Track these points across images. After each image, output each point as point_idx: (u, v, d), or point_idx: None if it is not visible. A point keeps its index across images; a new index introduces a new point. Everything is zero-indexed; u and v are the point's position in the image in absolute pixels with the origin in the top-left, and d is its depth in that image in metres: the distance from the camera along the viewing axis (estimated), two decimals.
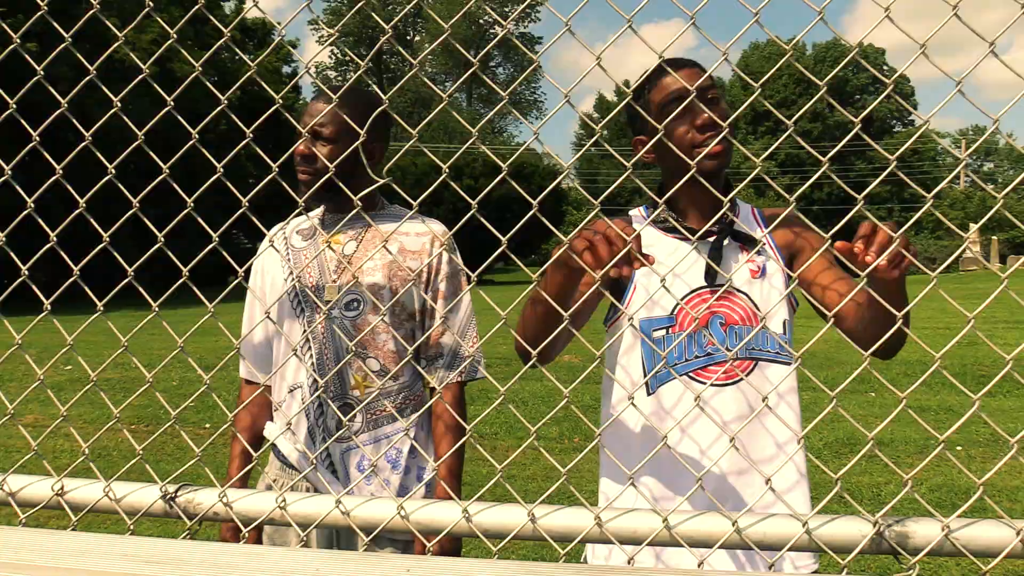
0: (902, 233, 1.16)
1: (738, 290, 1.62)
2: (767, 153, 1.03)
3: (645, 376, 1.61)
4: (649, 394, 1.61)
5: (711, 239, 1.62)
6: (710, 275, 1.61)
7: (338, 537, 1.91)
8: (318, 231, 2.02)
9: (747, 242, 1.65)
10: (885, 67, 49.32)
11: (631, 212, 1.80)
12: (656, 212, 1.70)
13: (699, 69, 1.60)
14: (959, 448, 5.81)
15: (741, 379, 1.57)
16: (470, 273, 0.91)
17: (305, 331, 1.91)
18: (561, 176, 0.93)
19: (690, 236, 1.62)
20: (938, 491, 4.90)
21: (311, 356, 1.92)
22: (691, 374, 1.58)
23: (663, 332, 1.60)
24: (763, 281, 1.64)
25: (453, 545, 1.90)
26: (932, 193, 0.91)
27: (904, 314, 1.18)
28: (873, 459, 5.32)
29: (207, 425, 6.72)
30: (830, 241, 1.14)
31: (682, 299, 1.60)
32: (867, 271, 1.14)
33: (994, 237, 35.06)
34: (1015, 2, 0.91)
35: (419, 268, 1.97)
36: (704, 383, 1.57)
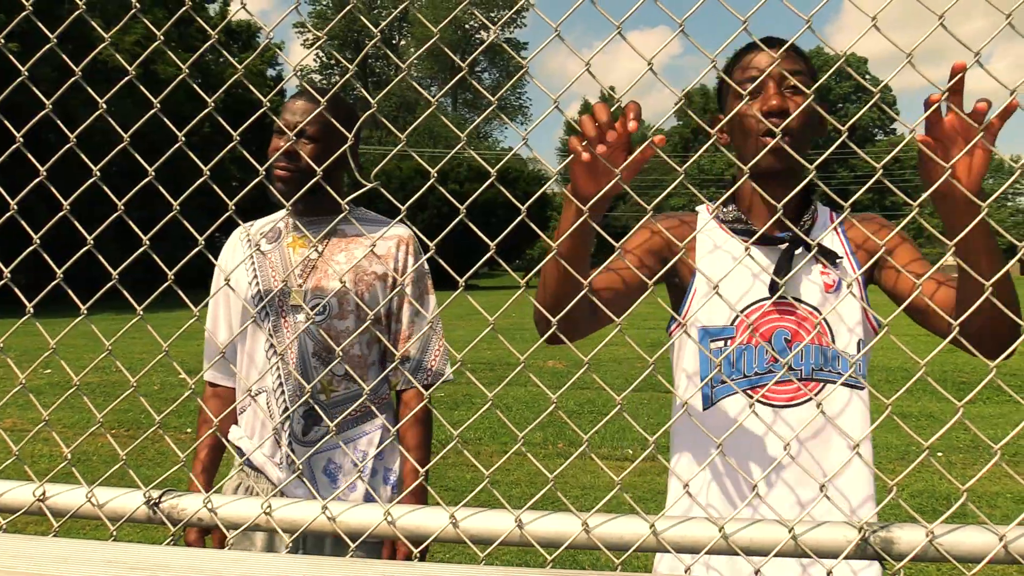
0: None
1: (808, 304, 1.47)
2: (753, 161, 1.03)
3: (703, 389, 1.49)
4: (705, 408, 1.47)
5: (783, 246, 1.47)
6: (775, 285, 1.46)
7: (305, 541, 1.91)
8: (283, 234, 2.02)
9: (823, 255, 1.49)
10: (868, 76, 49.79)
11: (698, 208, 1.65)
12: (718, 206, 1.55)
13: (792, 51, 1.44)
14: (940, 454, 5.86)
15: (805, 401, 1.43)
16: (457, 278, 0.91)
17: (270, 335, 1.91)
18: (548, 184, 0.93)
19: (761, 240, 1.45)
20: (919, 497, 4.94)
21: (276, 360, 1.91)
22: (749, 391, 1.45)
23: (721, 343, 1.47)
24: (836, 296, 1.48)
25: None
26: (918, 201, 0.92)
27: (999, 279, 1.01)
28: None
29: (188, 430, 6.67)
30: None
31: (743, 310, 1.47)
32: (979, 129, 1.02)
33: None
34: (999, 12, 0.92)
35: (385, 271, 1.97)
36: (764, 402, 1.44)
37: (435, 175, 0.87)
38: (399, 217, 1.04)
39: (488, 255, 0.88)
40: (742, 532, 0.91)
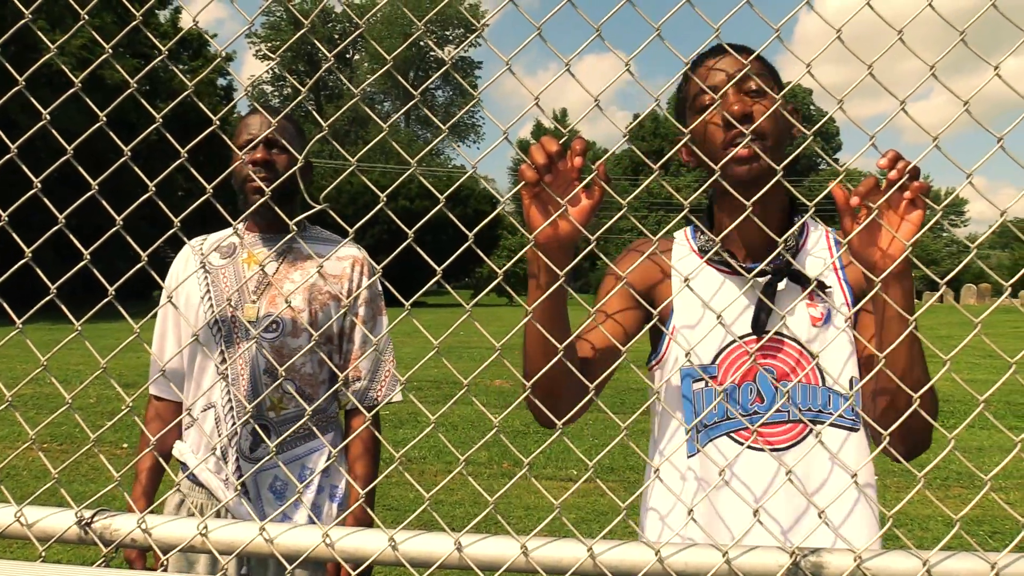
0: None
1: (794, 340, 1.34)
2: (700, 191, 1.06)
3: (687, 430, 1.37)
4: (690, 455, 1.37)
5: (765, 278, 1.34)
6: (759, 322, 1.34)
7: (250, 561, 1.88)
8: (238, 249, 2.01)
9: (809, 285, 1.34)
10: (812, 107, 51.21)
11: (675, 234, 1.52)
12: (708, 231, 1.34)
13: (747, 55, 1.27)
14: (875, 478, 6.00)
15: (795, 444, 1.32)
16: (403, 300, 0.91)
17: (222, 350, 1.89)
18: (499, 208, 0.95)
19: (741, 271, 1.32)
20: None
21: (227, 376, 1.90)
22: (733, 435, 1.33)
23: (703, 384, 1.35)
24: (826, 330, 1.35)
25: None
26: (847, 238, 0.95)
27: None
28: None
29: (124, 445, 6.49)
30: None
31: (722, 350, 1.36)
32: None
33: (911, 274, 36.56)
34: (934, 48, 0.96)
35: (339, 291, 1.98)
36: (752, 446, 1.32)
37: (384, 200, 0.88)
38: (347, 239, 1.04)
39: (435, 279, 0.89)
40: (677, 556, 0.93)
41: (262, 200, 1.06)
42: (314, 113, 0.98)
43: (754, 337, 1.34)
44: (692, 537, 1.32)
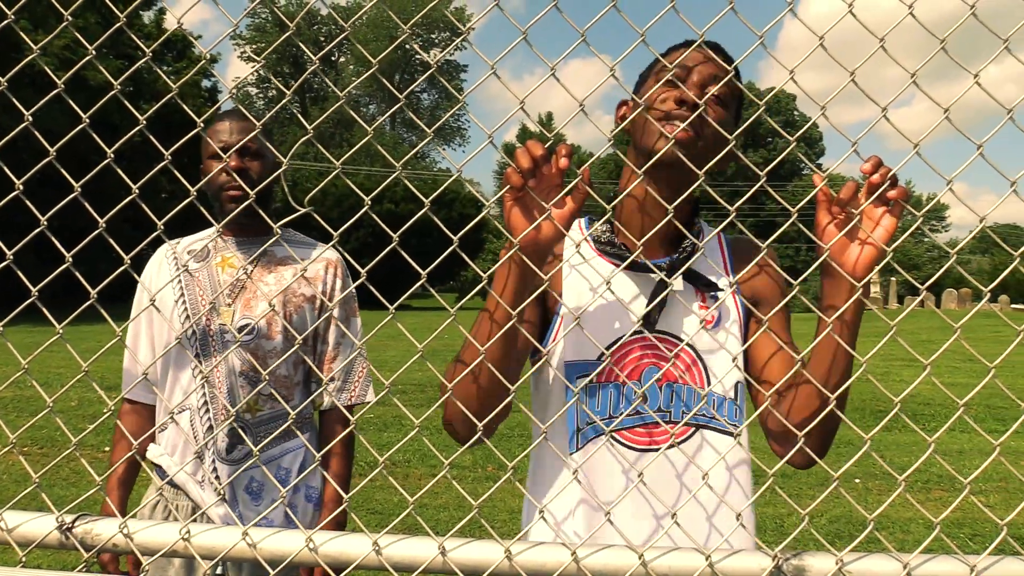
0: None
1: (681, 340, 1.33)
2: (680, 200, 1.07)
3: (569, 428, 1.34)
4: (572, 452, 1.33)
5: (656, 277, 1.31)
6: (648, 318, 1.31)
7: (225, 564, 1.89)
8: (212, 253, 2.01)
9: (703, 286, 1.37)
10: (796, 112, 51.55)
11: (576, 221, 1.46)
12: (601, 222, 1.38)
13: (720, 59, 1.28)
14: (857, 480, 6.05)
15: (674, 445, 1.30)
16: (388, 304, 0.91)
17: (197, 354, 1.89)
18: (482, 213, 0.95)
19: (633, 266, 1.31)
20: (837, 522, 5.08)
21: (203, 379, 1.89)
22: (616, 435, 1.31)
23: (586, 379, 1.28)
24: (716, 332, 1.35)
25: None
26: (829, 244, 0.96)
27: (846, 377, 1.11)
28: (777, 491, 5.45)
29: (106, 448, 6.44)
30: (796, 288, 1.06)
31: (609, 346, 1.33)
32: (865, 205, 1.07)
33: (893, 279, 36.98)
34: (917, 56, 0.97)
35: (313, 293, 2.00)
36: (631, 447, 1.31)
37: (368, 203, 0.88)
38: (331, 243, 1.04)
39: (419, 283, 0.89)
40: (661, 560, 0.94)
41: (241, 207, 1.05)
42: (299, 116, 0.97)
43: (644, 334, 1.31)
44: (579, 533, 1.30)
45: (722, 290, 1.37)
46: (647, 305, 1.32)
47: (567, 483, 1.33)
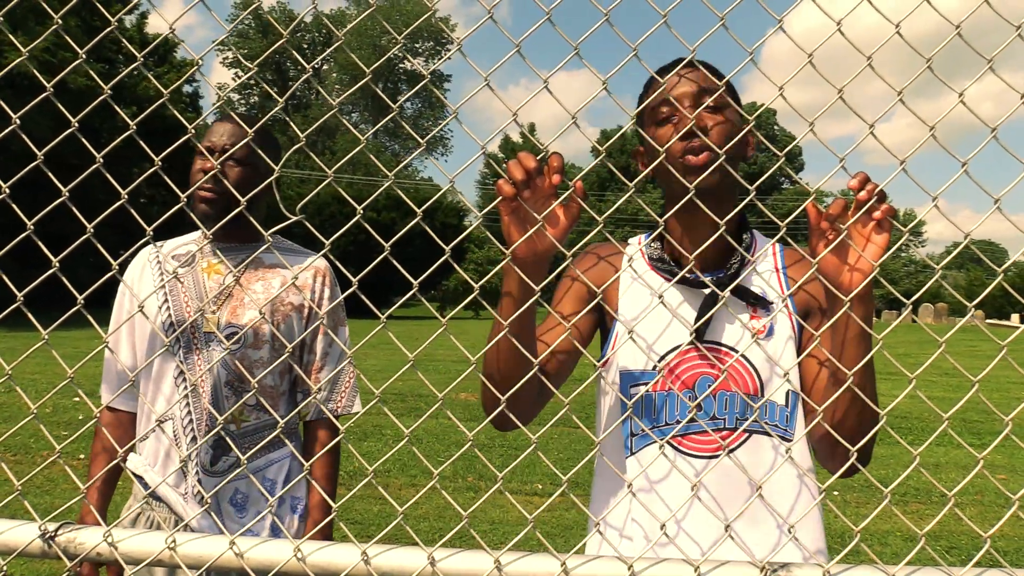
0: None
1: (735, 351, 1.36)
2: (670, 213, 1.07)
3: (623, 433, 1.40)
4: (627, 456, 1.39)
5: (707, 291, 1.36)
6: (699, 330, 1.35)
7: (210, 572, 1.86)
8: (198, 258, 1.98)
9: (752, 300, 1.39)
10: (776, 127, 52.06)
11: (630, 240, 1.54)
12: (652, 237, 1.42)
13: (705, 69, 1.33)
14: (836, 493, 6.08)
15: (728, 452, 1.30)
16: (379, 314, 0.91)
17: (181, 362, 1.86)
18: (476, 223, 0.95)
19: (685, 281, 1.36)
20: None
21: (186, 388, 1.86)
22: (672, 441, 1.35)
23: (642, 388, 1.36)
24: (769, 342, 1.38)
25: None
26: (817, 259, 0.97)
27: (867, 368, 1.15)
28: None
29: (82, 456, 6.35)
30: (848, 303, 1.08)
31: (662, 356, 1.37)
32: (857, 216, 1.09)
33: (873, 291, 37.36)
34: (901, 73, 0.99)
35: (300, 302, 1.96)
36: (685, 452, 1.35)
37: (361, 211, 0.88)
38: (323, 252, 1.04)
39: (411, 293, 0.89)
40: (651, 570, 0.94)
41: (230, 217, 1.05)
42: (293, 126, 0.97)
43: (694, 345, 1.35)
44: (646, 538, 1.35)
45: (771, 302, 1.40)
46: (696, 319, 1.36)
47: (624, 495, 1.38)
